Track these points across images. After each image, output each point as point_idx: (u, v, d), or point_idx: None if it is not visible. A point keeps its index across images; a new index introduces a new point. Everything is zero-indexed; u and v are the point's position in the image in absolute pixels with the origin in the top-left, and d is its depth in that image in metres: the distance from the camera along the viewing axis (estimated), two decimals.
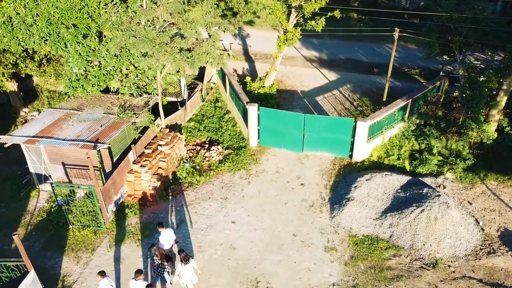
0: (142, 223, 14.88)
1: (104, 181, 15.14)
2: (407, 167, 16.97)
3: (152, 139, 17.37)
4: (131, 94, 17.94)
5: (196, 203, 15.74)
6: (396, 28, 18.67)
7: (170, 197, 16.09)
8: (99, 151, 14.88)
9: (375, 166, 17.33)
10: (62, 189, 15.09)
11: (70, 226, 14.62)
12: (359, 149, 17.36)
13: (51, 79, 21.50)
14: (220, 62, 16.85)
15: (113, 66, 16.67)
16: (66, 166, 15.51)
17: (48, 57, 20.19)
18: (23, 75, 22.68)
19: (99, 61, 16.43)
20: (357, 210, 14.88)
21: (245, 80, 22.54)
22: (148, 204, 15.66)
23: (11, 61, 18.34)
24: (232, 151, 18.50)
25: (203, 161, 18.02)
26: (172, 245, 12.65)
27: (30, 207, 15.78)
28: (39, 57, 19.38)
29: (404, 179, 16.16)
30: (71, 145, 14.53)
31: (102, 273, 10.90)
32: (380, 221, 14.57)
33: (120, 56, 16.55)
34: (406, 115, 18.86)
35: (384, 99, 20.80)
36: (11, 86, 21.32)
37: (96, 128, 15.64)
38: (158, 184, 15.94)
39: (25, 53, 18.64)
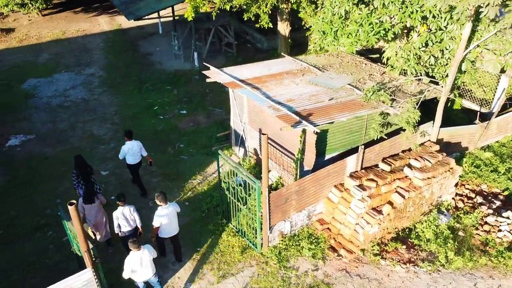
0: (315, 279, 8.38)
1: (297, 178, 9.32)
2: None
3: (402, 152, 10.11)
4: (404, 72, 10.97)
5: None
6: None
7: (383, 261, 8.77)
8: (304, 133, 9.00)
9: None
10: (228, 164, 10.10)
11: (224, 221, 9.73)
12: None
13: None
14: None
15: (393, 17, 10.01)
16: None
17: None
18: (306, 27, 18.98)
19: (372, 2, 10.09)
20: None
21: None
22: (342, 253, 8.91)
23: None
24: None
25: (478, 229, 9.50)
26: (140, 162, 10.28)
27: (210, 168, 11.80)
28: None
29: None
30: (270, 108, 9.19)
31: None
32: None
33: (410, 3, 9.67)
34: None
35: None
36: (283, 29, 17.96)
37: (322, 100, 9.71)
38: (373, 228, 8.86)
39: None
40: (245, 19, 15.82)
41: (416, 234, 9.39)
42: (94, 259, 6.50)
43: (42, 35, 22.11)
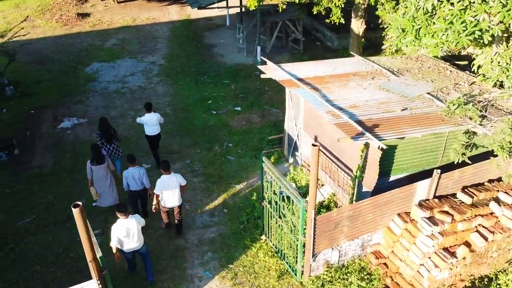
0: None
1: (353, 201, 7.90)
2: None
3: (489, 182, 8.21)
4: (501, 84, 9.03)
5: None
6: None
7: None
8: (366, 147, 7.52)
9: None
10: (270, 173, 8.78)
11: (263, 237, 8.56)
12: None
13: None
14: None
15: (492, 15, 8.12)
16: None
17: None
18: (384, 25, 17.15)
19: None
20: None
21: None
22: None
23: None
24: None
25: None
26: (159, 134, 10.54)
27: (257, 173, 10.62)
28: None
29: None
30: (328, 114, 7.80)
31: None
32: None
33: None
34: None
35: None
36: (357, 27, 16.28)
37: (393, 109, 8.14)
38: (442, 273, 7.17)
39: None
40: (314, 13, 14.47)
41: (498, 286, 7.52)
42: (102, 270, 5.64)
43: (113, 21, 22.40)
